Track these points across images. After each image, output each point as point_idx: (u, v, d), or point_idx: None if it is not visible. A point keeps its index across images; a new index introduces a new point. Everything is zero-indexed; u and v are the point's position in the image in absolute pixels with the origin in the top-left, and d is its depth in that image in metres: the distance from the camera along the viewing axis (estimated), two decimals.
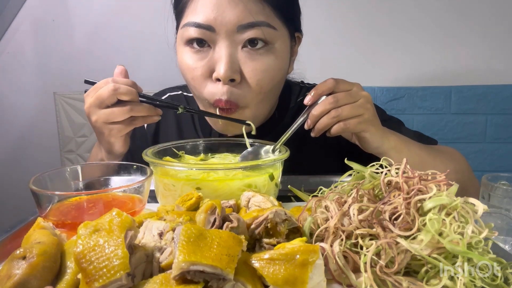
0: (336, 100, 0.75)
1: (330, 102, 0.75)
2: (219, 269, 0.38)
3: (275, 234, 0.50)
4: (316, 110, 0.76)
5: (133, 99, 0.75)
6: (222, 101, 0.80)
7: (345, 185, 0.61)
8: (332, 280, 0.46)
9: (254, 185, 0.68)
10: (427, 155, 0.86)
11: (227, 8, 0.76)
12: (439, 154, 0.89)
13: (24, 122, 1.82)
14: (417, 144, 0.87)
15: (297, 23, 0.88)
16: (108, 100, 0.74)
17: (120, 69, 0.79)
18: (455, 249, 0.43)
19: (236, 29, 0.77)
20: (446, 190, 0.50)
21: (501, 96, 1.71)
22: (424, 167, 0.82)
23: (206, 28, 0.77)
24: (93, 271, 0.38)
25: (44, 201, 0.59)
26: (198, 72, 0.81)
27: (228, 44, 0.78)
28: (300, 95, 1.03)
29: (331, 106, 0.75)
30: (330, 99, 0.75)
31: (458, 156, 0.94)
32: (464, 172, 0.90)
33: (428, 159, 0.84)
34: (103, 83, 0.76)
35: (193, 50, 0.81)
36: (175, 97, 1.10)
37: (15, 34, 1.73)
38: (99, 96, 0.75)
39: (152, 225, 0.49)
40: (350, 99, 0.76)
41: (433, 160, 0.85)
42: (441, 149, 0.95)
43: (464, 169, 0.91)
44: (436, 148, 0.94)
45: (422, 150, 0.86)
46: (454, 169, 0.87)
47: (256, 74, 0.80)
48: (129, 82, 0.77)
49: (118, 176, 0.71)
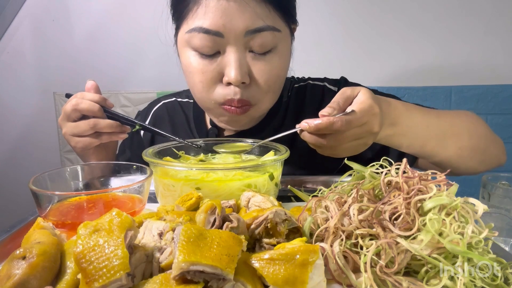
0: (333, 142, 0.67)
1: (325, 144, 0.66)
2: (219, 269, 0.38)
3: (275, 234, 0.50)
4: (306, 138, 0.68)
5: (96, 115, 0.81)
6: (235, 101, 0.83)
7: (345, 185, 0.61)
8: (332, 280, 0.46)
9: (254, 185, 0.68)
10: (449, 126, 0.82)
11: (236, 14, 0.76)
12: (457, 119, 0.85)
13: (24, 122, 1.82)
14: (431, 112, 0.82)
15: (294, 14, 0.89)
16: (72, 115, 0.81)
17: (90, 84, 0.85)
18: (455, 249, 0.43)
19: (244, 35, 0.78)
20: (446, 190, 0.50)
21: (501, 96, 1.71)
22: (446, 137, 0.80)
23: (214, 34, 0.78)
24: (93, 271, 0.37)
25: (44, 201, 0.59)
26: (208, 76, 0.82)
27: (236, 48, 0.79)
28: (290, 90, 1.05)
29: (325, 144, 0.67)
30: (325, 142, 0.66)
31: (475, 119, 0.89)
32: (487, 134, 0.88)
33: (448, 129, 0.81)
34: (72, 97, 0.82)
35: (200, 55, 0.82)
36: (169, 104, 1.13)
37: (15, 34, 1.73)
38: (64, 110, 0.82)
39: (152, 225, 0.49)
40: (351, 138, 0.67)
41: (455, 128, 0.82)
42: (454, 113, 0.88)
43: (484, 130, 0.88)
44: (450, 114, 0.87)
45: (440, 118, 0.82)
46: (476, 133, 0.85)
47: (264, 75, 0.83)
48: (95, 98, 0.82)
49: (118, 176, 0.71)
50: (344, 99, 0.68)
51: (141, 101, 1.77)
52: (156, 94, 1.75)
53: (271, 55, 0.82)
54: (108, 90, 1.78)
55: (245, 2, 0.76)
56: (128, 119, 0.84)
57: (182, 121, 1.08)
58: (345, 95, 0.68)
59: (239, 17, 0.76)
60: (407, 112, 0.76)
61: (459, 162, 0.84)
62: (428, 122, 0.79)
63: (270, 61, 0.82)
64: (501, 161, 0.91)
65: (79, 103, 0.80)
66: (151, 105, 1.16)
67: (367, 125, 0.67)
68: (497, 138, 0.91)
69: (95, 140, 0.82)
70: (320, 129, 0.64)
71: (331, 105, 0.67)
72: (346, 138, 0.66)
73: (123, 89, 1.78)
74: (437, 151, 0.81)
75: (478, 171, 0.89)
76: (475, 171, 0.89)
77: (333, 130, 0.64)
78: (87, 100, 0.81)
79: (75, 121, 0.82)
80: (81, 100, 0.80)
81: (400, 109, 0.75)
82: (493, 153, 0.89)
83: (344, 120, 0.63)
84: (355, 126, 0.65)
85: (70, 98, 0.83)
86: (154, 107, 1.14)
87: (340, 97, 0.68)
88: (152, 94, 1.76)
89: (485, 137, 0.87)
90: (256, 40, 0.79)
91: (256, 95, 0.84)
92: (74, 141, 0.83)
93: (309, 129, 0.65)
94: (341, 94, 0.69)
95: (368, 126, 0.67)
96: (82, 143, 0.83)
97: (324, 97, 1.02)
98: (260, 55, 0.81)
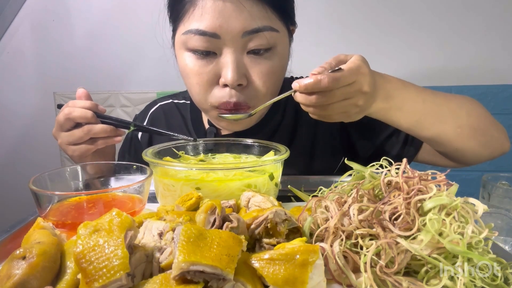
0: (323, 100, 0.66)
1: (315, 101, 0.66)
2: (219, 269, 0.38)
3: (275, 234, 0.50)
4: (297, 98, 0.67)
5: (89, 121, 0.80)
6: (231, 103, 0.82)
7: (345, 185, 0.61)
8: (332, 280, 0.46)
9: (254, 185, 0.68)
10: (446, 102, 0.81)
11: (232, 15, 0.76)
12: (453, 98, 0.84)
13: (24, 122, 1.82)
14: (427, 90, 0.81)
15: (292, 15, 0.88)
16: (66, 124, 0.81)
17: (81, 92, 0.85)
18: (455, 249, 0.43)
19: (241, 36, 0.77)
20: (446, 190, 0.50)
21: (501, 96, 1.71)
22: (443, 114, 0.78)
23: (211, 36, 0.77)
24: (93, 271, 0.37)
25: (44, 201, 0.59)
26: (204, 78, 0.82)
27: (233, 50, 0.79)
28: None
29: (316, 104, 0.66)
30: (314, 99, 0.65)
31: (473, 100, 0.88)
32: (487, 116, 0.86)
33: (445, 105, 0.80)
34: (64, 107, 0.82)
35: (197, 56, 0.81)
36: (166, 106, 1.13)
37: (15, 34, 1.73)
38: (57, 120, 0.82)
39: (152, 225, 0.49)
40: (340, 96, 0.66)
41: (453, 108, 0.80)
42: (451, 94, 0.87)
43: (483, 112, 0.86)
44: (447, 94, 0.86)
45: (437, 95, 0.81)
46: (474, 112, 0.82)
47: (262, 77, 0.82)
48: (86, 105, 0.81)
49: (118, 176, 0.71)
50: (337, 61, 0.67)
51: (141, 101, 1.77)
52: (156, 94, 1.75)
53: (269, 56, 0.82)
54: (108, 90, 1.78)
55: (241, 3, 0.75)
56: (122, 121, 0.84)
57: (179, 122, 1.09)
58: (338, 58, 0.68)
59: (236, 18, 0.76)
60: (402, 86, 0.75)
61: (460, 142, 0.81)
62: (424, 97, 0.77)
63: (268, 62, 0.82)
64: (505, 147, 0.88)
65: (72, 112, 0.80)
66: (147, 108, 1.16)
67: (356, 84, 0.65)
68: (498, 124, 0.88)
69: (91, 146, 0.82)
70: (308, 88, 0.63)
71: (322, 65, 0.66)
72: (335, 97, 0.65)
73: (123, 89, 1.78)
74: (435, 129, 0.79)
75: (482, 155, 0.85)
76: (479, 155, 0.85)
77: (321, 87, 0.63)
78: (79, 108, 0.80)
79: (69, 130, 0.82)
80: (73, 109, 0.80)
81: (396, 83, 0.74)
82: (495, 135, 0.86)
83: (332, 77, 0.62)
84: (343, 84, 0.64)
85: (62, 108, 0.83)
86: (151, 109, 1.14)
87: (333, 59, 0.67)
88: (152, 94, 1.76)
89: (484, 117, 0.85)
90: (254, 41, 0.78)
91: (253, 96, 0.84)
92: (70, 150, 0.83)
93: (299, 88, 0.64)
94: (334, 58, 0.68)
95: (357, 85, 0.66)
96: (79, 151, 0.82)
97: None
98: (258, 56, 0.81)
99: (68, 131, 0.82)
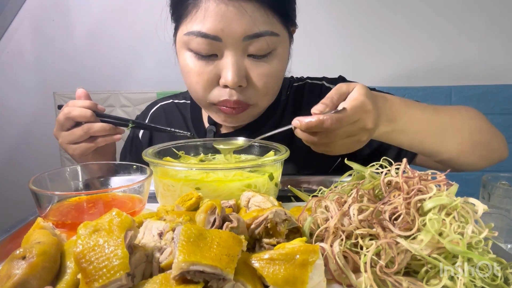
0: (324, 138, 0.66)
1: (317, 141, 0.66)
2: (219, 269, 0.38)
3: (275, 234, 0.50)
4: (299, 135, 0.67)
5: (89, 120, 0.82)
6: (231, 102, 0.83)
7: (345, 185, 0.61)
8: (332, 280, 0.46)
9: (254, 185, 0.68)
10: (449, 121, 0.80)
11: (234, 19, 0.76)
12: (457, 114, 0.84)
13: (24, 122, 1.82)
14: (431, 108, 0.80)
15: (293, 17, 0.88)
16: (66, 123, 0.83)
17: (81, 92, 0.87)
18: (455, 249, 0.43)
19: (242, 40, 0.78)
20: (446, 190, 0.50)
21: (501, 96, 1.71)
22: (446, 132, 0.79)
23: (213, 38, 0.78)
24: (93, 271, 0.37)
25: (44, 201, 0.59)
26: (204, 78, 0.83)
27: (234, 52, 0.79)
28: (289, 89, 1.05)
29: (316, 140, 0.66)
30: (316, 139, 0.65)
31: (475, 114, 0.87)
32: (488, 129, 0.86)
33: (449, 124, 0.80)
34: (64, 107, 0.84)
35: (197, 56, 0.82)
36: (166, 106, 1.14)
37: (15, 34, 1.73)
38: (57, 120, 0.84)
39: (152, 225, 0.49)
40: (343, 135, 0.65)
41: (456, 124, 0.80)
42: (454, 109, 0.86)
43: (485, 125, 0.87)
44: (449, 109, 0.85)
45: (440, 113, 0.80)
46: (477, 128, 0.83)
47: (262, 79, 0.83)
48: (85, 104, 0.83)
49: (118, 176, 0.71)
50: (339, 95, 0.67)
51: (141, 101, 1.77)
52: (156, 94, 1.75)
53: (270, 58, 0.82)
54: (108, 90, 1.78)
55: (243, 8, 0.76)
56: (121, 119, 0.86)
57: (179, 121, 1.09)
58: (340, 91, 0.67)
59: (238, 22, 0.76)
60: (405, 108, 0.75)
61: (461, 157, 0.82)
62: (428, 117, 0.78)
63: (268, 65, 0.82)
64: (503, 155, 0.90)
65: (71, 111, 0.82)
66: (148, 108, 1.16)
67: (359, 122, 0.65)
68: (498, 132, 0.89)
69: (91, 144, 0.84)
70: (310, 128, 0.63)
71: (324, 101, 0.65)
72: (338, 136, 0.65)
73: (123, 89, 1.78)
74: (438, 147, 0.80)
75: (480, 166, 0.87)
76: (477, 167, 0.87)
77: (323, 128, 0.62)
78: (78, 107, 0.82)
79: (69, 129, 0.83)
80: (73, 108, 0.82)
81: (398, 105, 0.74)
82: (495, 147, 0.87)
83: (334, 118, 0.62)
84: (346, 123, 0.64)
85: (62, 108, 0.85)
86: (151, 109, 1.15)
87: (335, 92, 0.67)
88: (152, 94, 1.76)
89: (486, 131, 0.86)
90: (254, 45, 0.79)
91: (253, 97, 0.85)
92: (71, 149, 0.85)
93: (301, 127, 0.64)
94: (336, 90, 0.67)
95: (361, 123, 0.65)
96: (79, 150, 0.84)
97: (322, 95, 1.00)
98: (258, 59, 0.81)
99: (68, 131, 0.83)
